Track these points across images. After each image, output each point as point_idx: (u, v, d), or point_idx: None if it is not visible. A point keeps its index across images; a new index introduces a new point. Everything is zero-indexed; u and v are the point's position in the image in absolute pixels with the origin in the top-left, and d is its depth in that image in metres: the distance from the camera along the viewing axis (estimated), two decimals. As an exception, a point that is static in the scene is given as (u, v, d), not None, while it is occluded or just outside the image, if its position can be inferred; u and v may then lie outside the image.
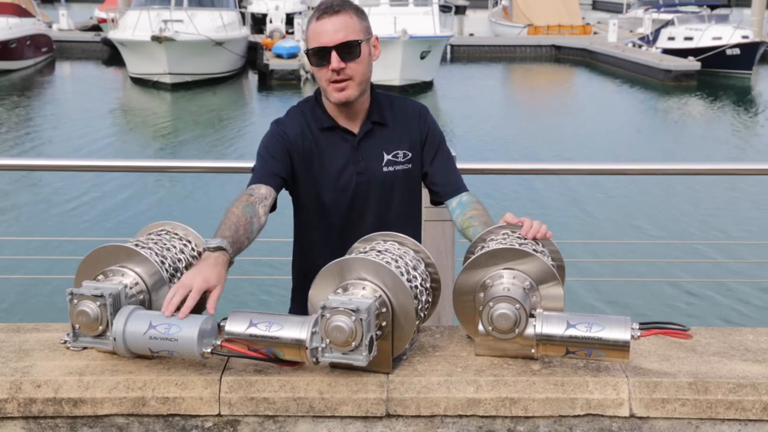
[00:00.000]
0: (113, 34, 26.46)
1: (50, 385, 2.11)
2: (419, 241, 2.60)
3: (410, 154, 2.63)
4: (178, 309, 2.06)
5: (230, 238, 2.24)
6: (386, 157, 2.60)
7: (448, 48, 30.18)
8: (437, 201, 2.73)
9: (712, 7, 35.74)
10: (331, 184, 2.58)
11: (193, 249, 2.38)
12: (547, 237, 2.33)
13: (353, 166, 2.58)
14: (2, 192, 13.07)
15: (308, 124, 2.60)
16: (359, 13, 2.53)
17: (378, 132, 2.61)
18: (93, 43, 32.63)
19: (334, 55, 2.46)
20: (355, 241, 2.39)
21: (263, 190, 2.47)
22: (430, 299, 2.27)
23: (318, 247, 2.66)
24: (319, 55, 2.49)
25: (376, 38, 2.59)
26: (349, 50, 2.47)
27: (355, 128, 2.60)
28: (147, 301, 2.20)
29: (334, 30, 2.46)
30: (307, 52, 2.52)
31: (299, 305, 2.72)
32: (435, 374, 2.13)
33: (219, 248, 2.19)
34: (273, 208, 2.55)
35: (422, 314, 2.22)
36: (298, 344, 2.02)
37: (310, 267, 2.62)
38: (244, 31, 28.86)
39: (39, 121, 20.40)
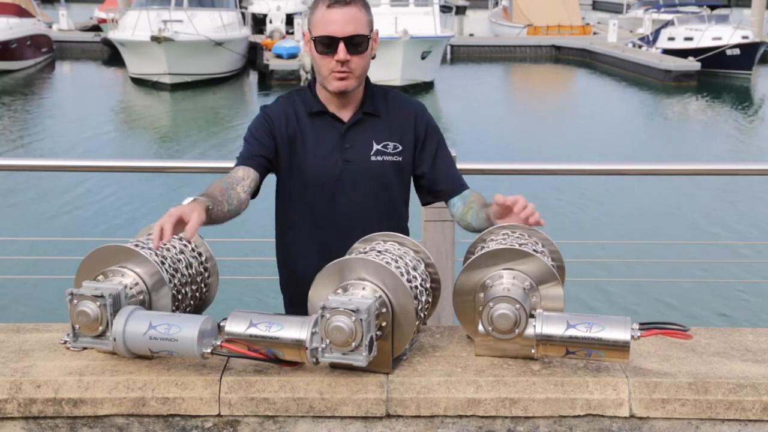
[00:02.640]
0: (113, 34, 26.46)
1: (50, 386, 2.11)
2: (406, 234, 2.61)
3: (401, 147, 2.62)
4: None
5: (204, 196, 2.29)
6: (375, 146, 2.60)
7: (448, 48, 30.18)
8: (429, 201, 2.73)
9: (712, 8, 35.74)
10: (315, 169, 2.58)
11: (193, 249, 2.38)
12: (540, 224, 2.32)
13: (339, 153, 2.58)
14: (2, 192, 13.07)
15: (295, 109, 2.61)
16: (366, 7, 2.55)
17: (368, 122, 2.61)
18: (93, 43, 32.64)
19: (341, 46, 2.46)
20: (337, 229, 2.40)
21: (240, 173, 2.52)
22: (430, 299, 2.27)
23: (298, 232, 2.65)
24: (326, 44, 2.48)
25: (376, 33, 2.60)
26: (357, 44, 2.48)
27: (345, 116, 2.60)
28: (147, 301, 2.20)
29: (344, 21, 2.46)
30: (313, 39, 2.51)
31: (288, 299, 2.75)
32: (435, 374, 2.13)
33: (194, 200, 2.25)
34: (255, 192, 2.59)
35: (422, 314, 2.22)
36: (298, 344, 2.02)
37: (291, 255, 2.65)
38: (245, 32, 28.85)
39: (39, 121, 20.40)
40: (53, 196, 12.95)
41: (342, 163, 2.58)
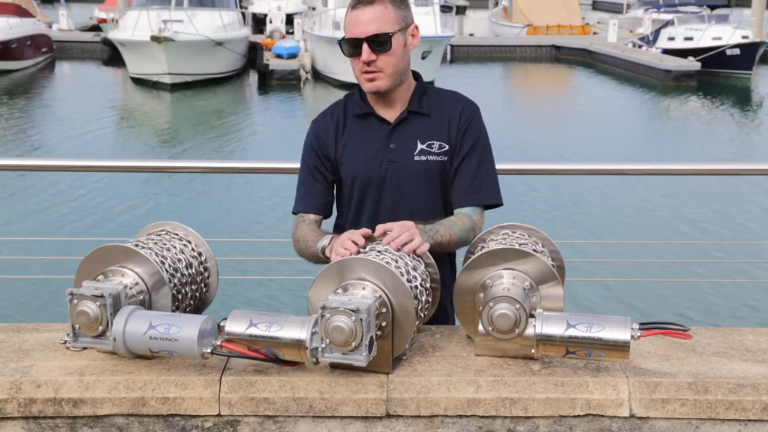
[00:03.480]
0: (113, 34, 26.47)
1: (50, 385, 2.11)
2: None
3: (447, 147, 2.56)
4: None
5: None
6: (420, 146, 2.55)
7: (448, 48, 30.19)
8: None
9: (712, 7, 35.76)
10: (361, 172, 2.57)
11: (193, 249, 2.38)
12: (417, 253, 2.25)
13: (384, 154, 2.55)
14: (2, 192, 13.07)
15: (344, 114, 2.62)
16: (396, 1, 2.51)
17: (414, 121, 2.57)
18: (93, 43, 32.65)
19: (365, 47, 2.46)
20: None
21: (312, 218, 2.60)
22: (430, 299, 2.27)
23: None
24: (351, 46, 2.49)
25: (415, 27, 2.56)
26: (379, 43, 2.46)
27: (391, 117, 2.58)
28: (147, 301, 2.20)
29: (366, 21, 2.46)
30: (341, 42, 2.52)
31: None
32: (435, 374, 2.13)
33: (332, 238, 2.40)
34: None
35: (422, 314, 2.22)
36: (298, 344, 2.02)
37: None
38: (245, 32, 28.86)
39: (39, 121, 20.40)
40: (53, 196, 12.95)
41: (387, 164, 2.55)
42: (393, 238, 2.24)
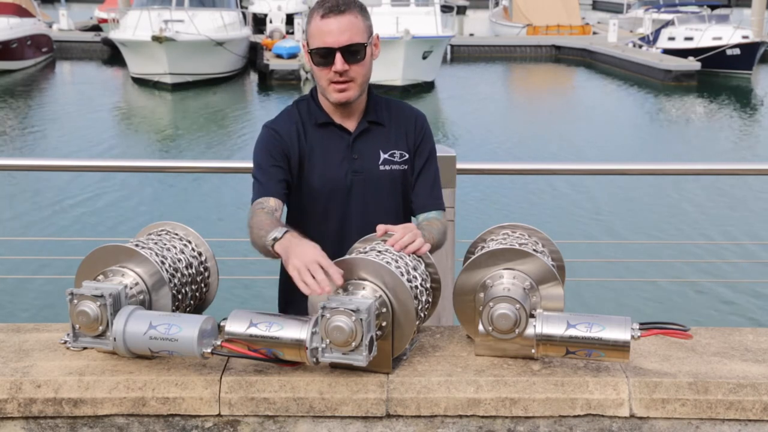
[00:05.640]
0: (114, 34, 26.49)
1: (50, 385, 2.11)
2: None
3: (407, 155, 2.60)
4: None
5: (289, 228, 2.26)
6: (383, 156, 2.57)
7: (449, 48, 30.20)
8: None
9: (712, 7, 35.75)
10: (326, 182, 2.54)
11: (193, 249, 2.38)
12: (418, 253, 2.26)
13: (348, 164, 2.55)
14: (3, 192, 13.07)
15: (302, 121, 2.57)
16: (363, 12, 2.49)
17: (374, 131, 2.58)
18: (93, 43, 32.65)
19: (338, 57, 2.42)
20: (350, 241, 2.39)
21: (272, 203, 2.45)
22: (430, 299, 2.27)
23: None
24: (323, 55, 2.44)
25: (377, 37, 2.55)
26: (354, 53, 2.43)
27: (351, 126, 2.57)
28: (147, 301, 2.20)
29: (339, 30, 2.41)
30: (310, 51, 2.46)
31: (287, 308, 2.68)
32: (435, 374, 2.13)
33: (286, 231, 2.21)
34: None
35: (422, 314, 2.22)
36: (298, 344, 2.02)
37: None
38: (245, 32, 28.86)
39: (39, 121, 20.40)
40: (53, 196, 12.95)
41: (352, 174, 2.54)
42: (397, 239, 2.25)
